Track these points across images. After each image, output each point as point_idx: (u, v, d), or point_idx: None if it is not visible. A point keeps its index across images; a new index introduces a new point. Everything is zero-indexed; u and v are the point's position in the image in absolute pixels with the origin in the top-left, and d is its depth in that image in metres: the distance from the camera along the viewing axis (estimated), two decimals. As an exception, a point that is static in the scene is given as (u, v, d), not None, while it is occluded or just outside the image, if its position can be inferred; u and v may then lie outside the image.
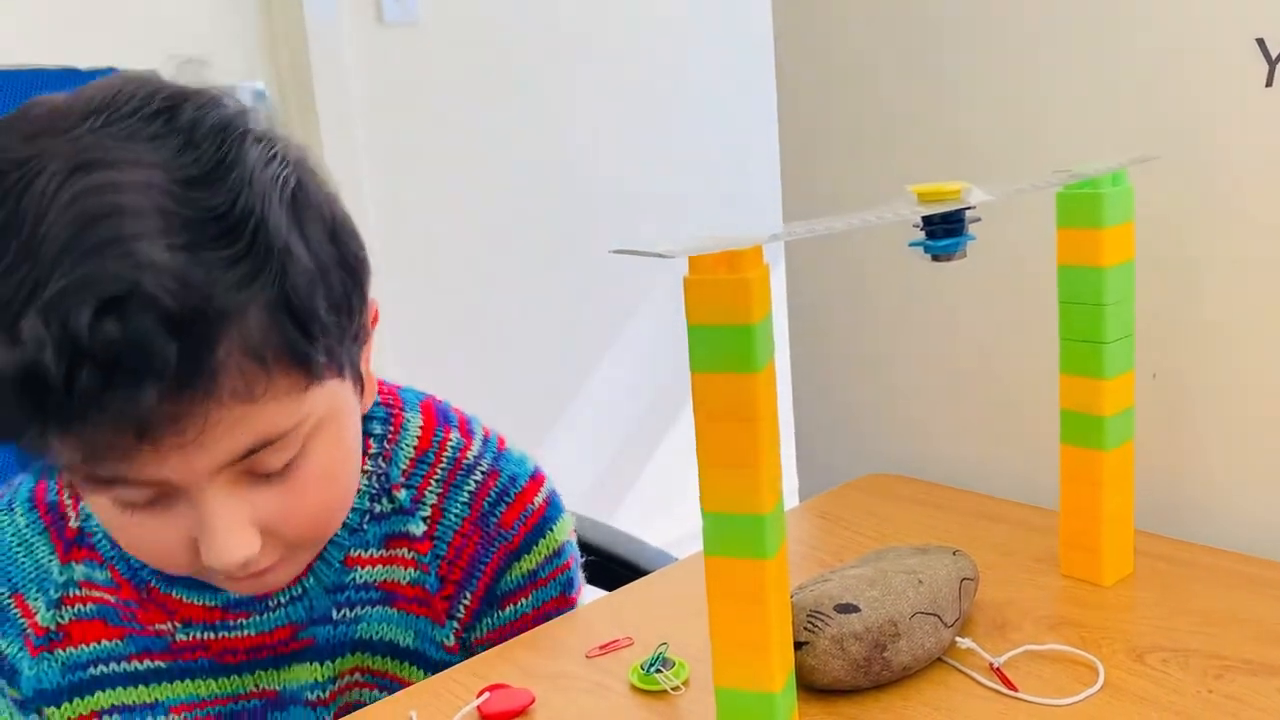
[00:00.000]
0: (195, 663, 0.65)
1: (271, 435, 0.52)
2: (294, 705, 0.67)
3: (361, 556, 0.66)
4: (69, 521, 0.65)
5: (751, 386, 0.49)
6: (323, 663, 0.66)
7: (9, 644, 0.64)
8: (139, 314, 0.45)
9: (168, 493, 0.53)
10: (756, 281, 0.48)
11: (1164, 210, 0.77)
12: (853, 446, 1.05)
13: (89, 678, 0.64)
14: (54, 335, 0.44)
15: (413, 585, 0.67)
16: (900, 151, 0.94)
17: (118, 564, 0.64)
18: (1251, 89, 0.72)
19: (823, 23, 0.98)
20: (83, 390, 0.45)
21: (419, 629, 0.68)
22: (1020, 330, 0.89)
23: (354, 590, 0.66)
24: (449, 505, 0.68)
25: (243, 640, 0.65)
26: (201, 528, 0.53)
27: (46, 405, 0.46)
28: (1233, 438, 0.79)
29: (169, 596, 0.64)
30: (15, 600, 0.64)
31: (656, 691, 0.63)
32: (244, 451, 0.52)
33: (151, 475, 0.51)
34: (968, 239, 0.57)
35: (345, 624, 0.66)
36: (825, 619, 0.60)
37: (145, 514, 0.54)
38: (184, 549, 0.55)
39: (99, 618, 0.64)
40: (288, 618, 0.65)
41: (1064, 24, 0.81)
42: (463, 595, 0.68)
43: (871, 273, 0.99)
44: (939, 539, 0.79)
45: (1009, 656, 0.64)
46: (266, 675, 0.66)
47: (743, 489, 0.50)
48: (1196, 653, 0.63)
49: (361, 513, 0.66)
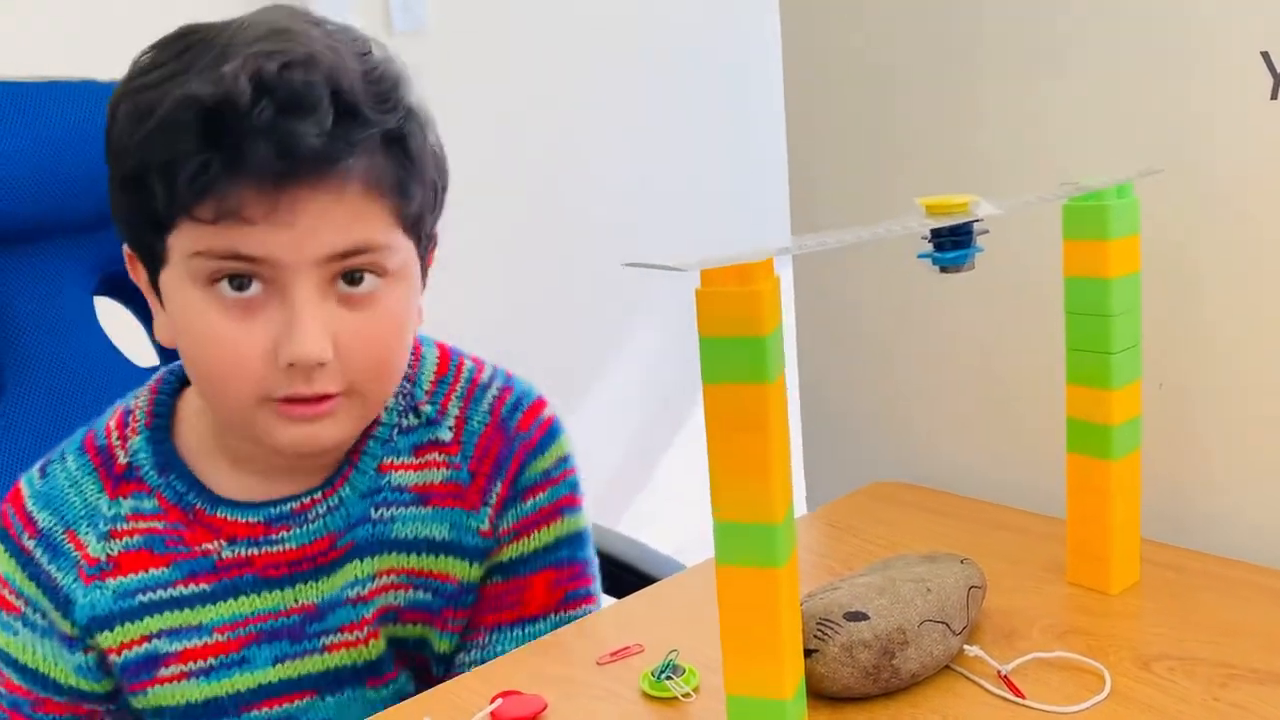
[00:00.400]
0: (240, 579, 0.69)
1: (367, 245, 0.61)
2: (332, 611, 0.70)
3: (394, 463, 0.72)
4: (118, 459, 0.70)
5: (763, 397, 0.49)
6: (362, 560, 0.70)
7: (64, 575, 0.68)
8: (314, 74, 0.58)
9: (267, 284, 0.61)
10: (768, 294, 0.49)
11: (1170, 222, 0.78)
12: (860, 455, 1.05)
13: (137, 604, 0.69)
14: (248, 74, 0.57)
15: (445, 483, 0.72)
16: (907, 162, 0.95)
17: (165, 491, 0.70)
18: (1256, 102, 0.73)
19: (830, 35, 0.98)
20: (260, 118, 0.56)
21: (454, 520, 0.72)
22: (1027, 340, 0.89)
23: (389, 492, 0.71)
24: (471, 414, 0.74)
25: (285, 554, 0.69)
26: (289, 322, 0.60)
27: (225, 133, 0.57)
28: (1239, 447, 0.79)
29: (214, 517, 0.69)
30: (68, 536, 0.69)
31: (667, 698, 0.64)
32: (344, 249, 0.61)
33: (264, 251, 0.59)
34: (975, 251, 0.58)
35: (382, 523, 0.70)
36: (835, 627, 0.61)
37: (237, 316, 0.61)
38: (262, 357, 0.61)
39: (146, 548, 0.69)
40: (326, 528, 0.69)
41: (1070, 38, 0.82)
42: (493, 485, 0.73)
43: (878, 282, 1.00)
44: (947, 547, 0.79)
45: (1017, 664, 0.64)
46: (307, 588, 0.70)
47: (754, 499, 0.51)
48: (1203, 661, 0.64)
49: (391, 427, 0.72)
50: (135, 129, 0.60)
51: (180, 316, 0.64)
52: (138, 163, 0.61)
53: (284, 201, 0.58)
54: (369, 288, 0.63)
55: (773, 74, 1.05)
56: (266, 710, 0.71)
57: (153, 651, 0.71)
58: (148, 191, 0.60)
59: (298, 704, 0.72)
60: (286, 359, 0.61)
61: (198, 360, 0.65)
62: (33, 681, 0.71)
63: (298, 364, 0.61)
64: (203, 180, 0.58)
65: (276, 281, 0.61)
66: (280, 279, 0.61)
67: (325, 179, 0.59)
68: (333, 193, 0.60)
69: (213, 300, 0.62)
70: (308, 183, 0.59)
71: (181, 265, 0.62)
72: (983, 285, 0.89)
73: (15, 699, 0.72)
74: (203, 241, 0.60)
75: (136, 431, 0.71)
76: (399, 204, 0.63)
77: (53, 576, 0.69)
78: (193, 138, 0.58)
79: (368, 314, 0.63)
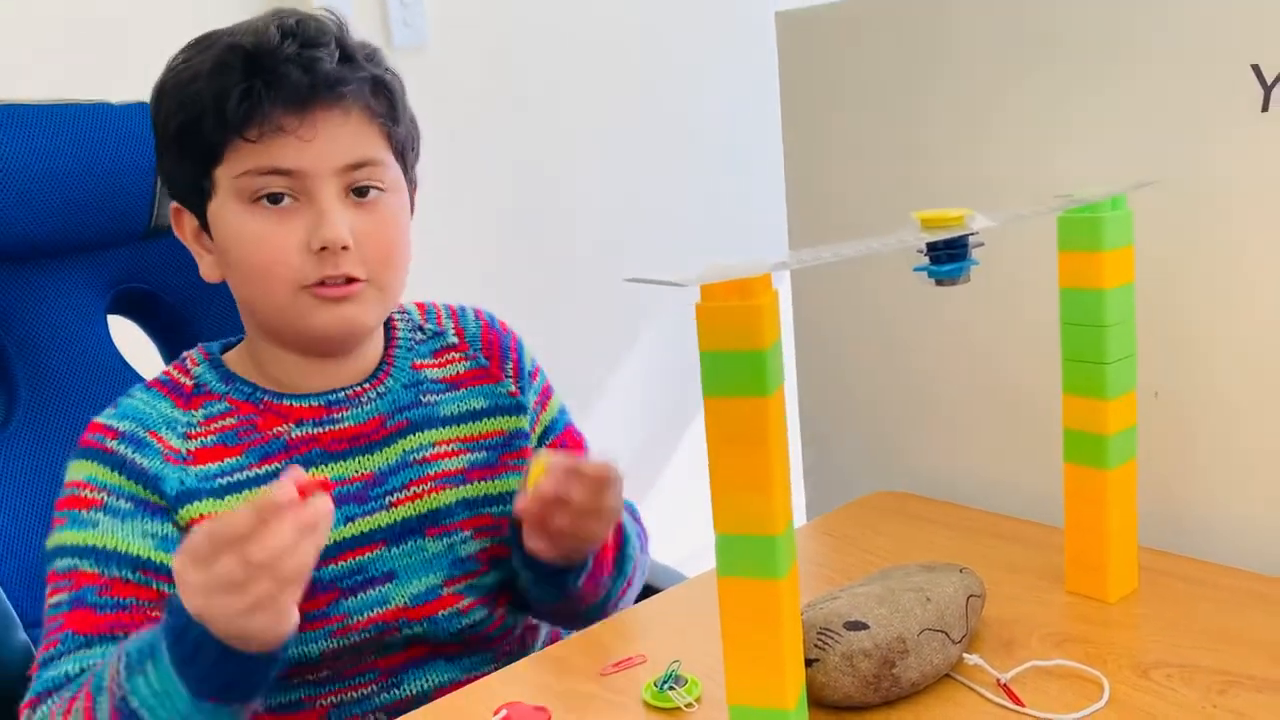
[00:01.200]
0: (309, 454, 0.81)
1: (370, 159, 0.78)
2: (393, 475, 0.82)
3: (423, 363, 0.88)
4: (184, 384, 0.82)
5: (763, 410, 0.50)
6: (418, 433, 0.84)
7: (150, 461, 0.78)
8: (323, 24, 0.78)
9: (297, 196, 0.76)
10: (767, 308, 0.50)
11: (1163, 233, 0.78)
12: (858, 465, 1.06)
13: (219, 485, 0.79)
14: (275, 26, 0.76)
15: (468, 370, 0.89)
16: (902, 177, 0.96)
17: (234, 394, 0.82)
18: (1248, 114, 0.74)
19: (826, 53, 1.00)
20: (288, 51, 0.75)
21: (485, 392, 0.88)
22: (1023, 351, 0.90)
23: (428, 384, 0.87)
24: (464, 325, 0.92)
25: (344, 430, 0.82)
26: (317, 217, 0.76)
27: (262, 67, 0.75)
28: (1235, 455, 0.80)
29: (281, 404, 0.82)
30: (150, 434, 0.79)
31: (670, 708, 0.65)
32: (354, 161, 0.77)
33: (296, 163, 0.75)
34: (971, 264, 0.59)
35: (429, 406, 0.85)
36: (835, 636, 0.61)
37: (275, 221, 0.76)
38: (298, 248, 0.76)
39: (221, 443, 0.80)
40: (377, 410, 0.83)
41: (1065, 53, 0.83)
42: (505, 364, 0.90)
43: (876, 295, 1.01)
44: (945, 557, 0.80)
45: (1016, 672, 0.65)
46: (366, 460, 0.82)
47: (755, 511, 0.51)
48: (1201, 668, 0.64)
49: (409, 339, 0.88)
50: (186, 87, 0.77)
51: (229, 233, 0.78)
52: (192, 109, 0.76)
53: (308, 118, 0.76)
54: (373, 198, 0.79)
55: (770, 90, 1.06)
56: (342, 563, 0.79)
57: None
58: (200, 132, 0.76)
59: (367, 555, 0.80)
60: (318, 243, 0.76)
61: (246, 262, 0.78)
62: (105, 563, 0.75)
63: (328, 245, 0.76)
64: (248, 103, 0.74)
65: (305, 192, 0.77)
66: (308, 188, 0.77)
67: (336, 102, 0.76)
68: (342, 113, 0.77)
69: (256, 212, 0.77)
70: (324, 103, 0.76)
71: (228, 189, 0.77)
72: (979, 297, 0.90)
73: (80, 592, 0.75)
74: (249, 161, 0.76)
75: (196, 363, 0.84)
76: (389, 130, 0.80)
77: (139, 463, 0.78)
78: (238, 73, 0.75)
79: (374, 216, 0.79)
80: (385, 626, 0.79)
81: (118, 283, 0.99)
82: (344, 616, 0.78)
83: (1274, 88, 0.73)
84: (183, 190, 0.81)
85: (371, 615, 0.79)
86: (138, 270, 1.00)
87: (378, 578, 0.80)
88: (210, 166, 0.77)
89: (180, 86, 0.78)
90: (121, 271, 0.99)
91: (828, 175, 1.02)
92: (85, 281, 0.98)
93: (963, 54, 0.89)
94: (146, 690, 0.66)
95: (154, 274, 1.01)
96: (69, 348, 0.96)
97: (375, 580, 0.80)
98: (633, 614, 0.78)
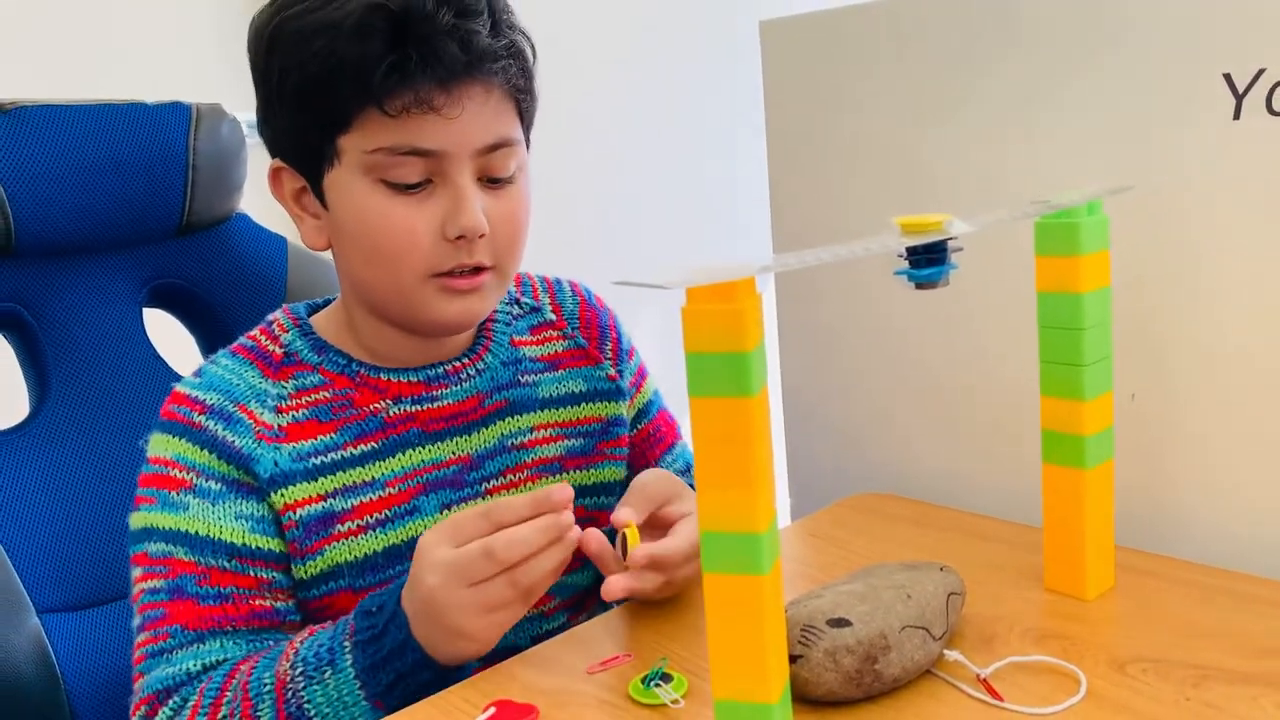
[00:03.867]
0: (406, 434, 0.77)
1: (507, 139, 0.74)
2: (490, 459, 0.80)
3: (521, 340, 0.85)
4: (273, 352, 0.79)
5: (747, 411, 0.51)
6: (516, 416, 0.82)
7: (241, 439, 0.74)
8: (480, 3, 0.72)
9: (433, 178, 0.72)
10: (750, 311, 0.51)
11: (1139, 238, 0.80)
12: (842, 466, 1.07)
13: (311, 466, 0.75)
14: None
15: (566, 350, 0.86)
16: (883, 183, 0.97)
17: (327, 365, 0.78)
18: (1220, 121, 0.76)
19: (809, 59, 1.01)
20: (443, 21, 0.68)
21: (584, 375, 0.86)
22: (1003, 353, 0.91)
23: (527, 362, 0.84)
24: (560, 300, 0.89)
25: (443, 409, 0.79)
26: (455, 201, 0.72)
27: (411, 35, 0.68)
28: (1209, 456, 0.81)
29: (378, 379, 0.78)
30: (238, 408, 0.75)
31: (656, 705, 0.66)
32: (493, 142, 0.73)
33: (437, 143, 0.70)
34: (950, 268, 0.60)
35: (528, 387, 0.82)
36: (818, 633, 0.62)
37: (409, 203, 0.72)
38: (432, 234, 0.72)
39: (313, 418, 0.76)
40: (476, 389, 0.80)
41: (1041, 60, 0.85)
42: (604, 345, 0.88)
43: (858, 299, 1.02)
44: (927, 556, 0.81)
45: (995, 668, 0.66)
46: (463, 441, 0.79)
47: (739, 509, 0.52)
48: (1175, 663, 0.66)
49: (506, 314, 0.85)
50: (312, 40, 0.69)
51: (353, 209, 0.73)
52: (321, 68, 0.69)
53: (456, 95, 0.70)
54: (510, 168, 0.75)
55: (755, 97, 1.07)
56: None
57: (328, 510, 0.75)
58: (330, 94, 0.70)
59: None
60: (455, 231, 0.72)
61: (373, 242, 0.73)
62: (200, 550, 0.72)
63: (466, 234, 0.72)
64: (398, 75, 0.68)
65: (441, 173, 0.72)
66: (445, 170, 0.72)
67: (486, 77, 0.71)
68: (486, 89, 0.72)
69: (386, 191, 0.72)
70: (476, 78, 0.71)
71: (356, 162, 0.72)
72: (958, 301, 0.92)
73: (179, 581, 0.72)
74: (386, 137, 0.70)
75: (285, 329, 0.80)
76: (524, 107, 0.76)
77: (229, 441, 0.74)
78: (384, 40, 0.68)
79: (506, 199, 0.75)
80: None
81: (153, 278, 1.01)
82: None
83: (1245, 96, 0.74)
84: (293, 150, 0.75)
85: None
86: (172, 266, 1.01)
87: None
88: (335, 132, 0.72)
89: (304, 39, 0.70)
90: (156, 268, 1.01)
91: (812, 181, 1.03)
92: (119, 277, 0.99)
93: (944, 62, 0.91)
94: (323, 699, 0.65)
95: (189, 270, 1.02)
96: (101, 341, 0.98)
97: None
98: (619, 613, 0.79)
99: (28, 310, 0.95)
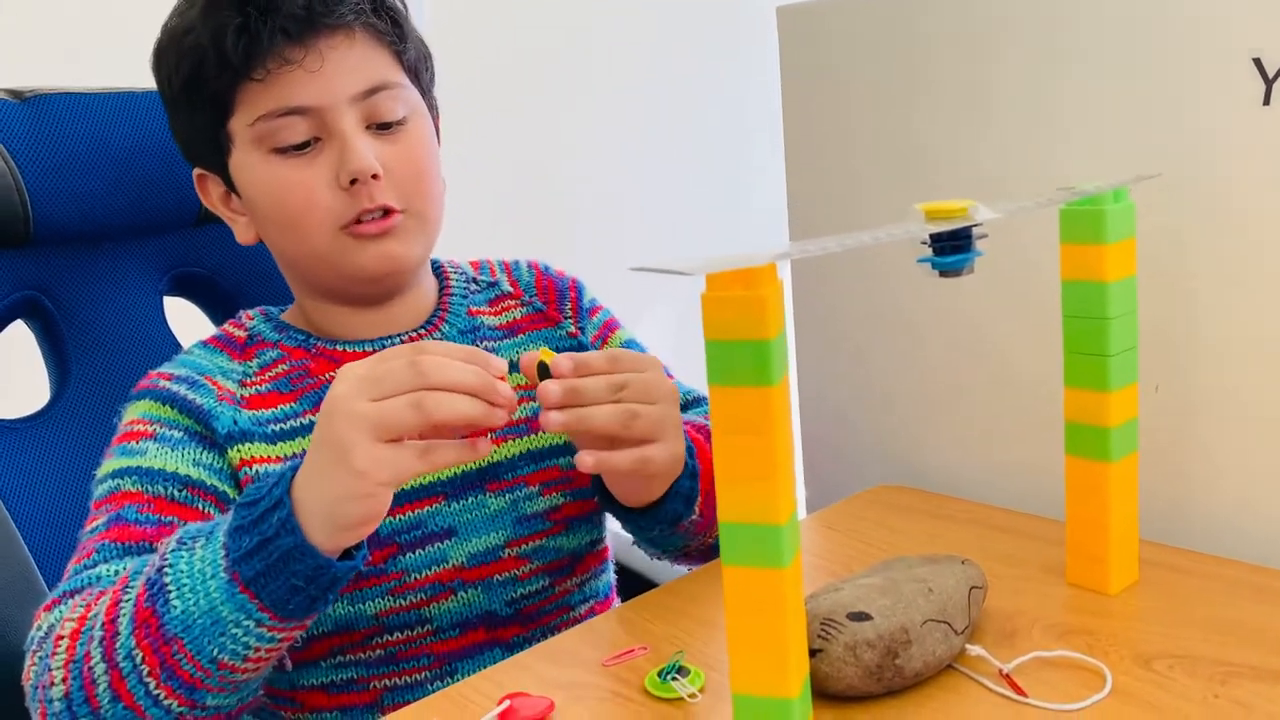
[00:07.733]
0: None
1: (383, 82, 0.76)
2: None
3: (479, 309, 0.86)
4: (238, 337, 0.82)
5: (767, 400, 0.50)
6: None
7: (204, 399, 0.76)
8: None
9: (319, 134, 0.74)
10: (771, 298, 0.50)
11: (1165, 226, 0.79)
12: (860, 459, 1.06)
13: (271, 431, 0.77)
14: None
15: (524, 316, 0.87)
16: (905, 169, 0.96)
17: (286, 341, 0.81)
18: (1249, 107, 0.74)
19: (828, 45, 1.00)
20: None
21: (545, 336, 0.87)
22: (1025, 343, 0.90)
23: (486, 330, 0.85)
24: (518, 275, 0.90)
25: None
26: (341, 150, 0.74)
27: (280, 8, 0.72)
28: (1235, 448, 0.80)
29: (334, 350, 0.80)
30: (205, 378, 0.78)
31: (673, 699, 0.65)
32: (367, 87, 0.75)
33: (309, 99, 0.73)
34: (975, 255, 0.59)
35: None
36: (839, 626, 0.61)
37: (300, 165, 0.74)
38: (328, 186, 0.74)
39: (274, 390, 0.79)
40: None
41: (1065, 45, 0.83)
42: (563, 305, 0.89)
43: (878, 286, 1.01)
44: (947, 549, 0.80)
45: (1018, 663, 0.65)
46: None
47: (759, 501, 0.51)
48: (1202, 659, 0.65)
49: (464, 287, 0.87)
50: (182, 39, 0.74)
51: (254, 184, 0.76)
52: (192, 59, 0.74)
53: (311, 47, 0.73)
54: (397, 112, 0.77)
55: (771, 84, 1.06)
56: (399, 516, 0.77)
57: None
58: (204, 80, 0.74)
59: (425, 509, 0.78)
60: (347, 176, 0.74)
61: (278, 211, 0.76)
62: (150, 481, 0.72)
63: (358, 176, 0.74)
64: (246, 37, 0.72)
65: (325, 128, 0.74)
66: (327, 124, 0.74)
67: (338, 26, 0.74)
68: (345, 37, 0.75)
69: (278, 158, 0.75)
70: (326, 29, 0.73)
71: (246, 139, 0.75)
72: (982, 289, 0.90)
73: (120, 511, 0.71)
74: (261, 104, 0.73)
75: (251, 318, 0.83)
76: (398, 50, 0.78)
77: (194, 400, 0.76)
78: (231, 9, 0.72)
79: (400, 142, 0.77)
80: (441, 587, 0.77)
81: (173, 267, 1.02)
82: (401, 574, 0.76)
83: (1275, 81, 0.73)
84: (200, 150, 0.79)
85: (428, 574, 0.77)
86: (193, 254, 1.02)
87: (436, 533, 0.77)
88: (223, 118, 0.75)
89: (176, 40, 0.75)
90: (177, 256, 1.01)
91: (829, 170, 1.02)
92: (139, 265, 1.00)
93: (964, 48, 0.89)
94: (185, 565, 0.61)
95: (209, 258, 1.02)
96: (122, 329, 0.98)
97: (433, 536, 0.77)
98: (636, 605, 0.78)
99: (48, 298, 0.95)
